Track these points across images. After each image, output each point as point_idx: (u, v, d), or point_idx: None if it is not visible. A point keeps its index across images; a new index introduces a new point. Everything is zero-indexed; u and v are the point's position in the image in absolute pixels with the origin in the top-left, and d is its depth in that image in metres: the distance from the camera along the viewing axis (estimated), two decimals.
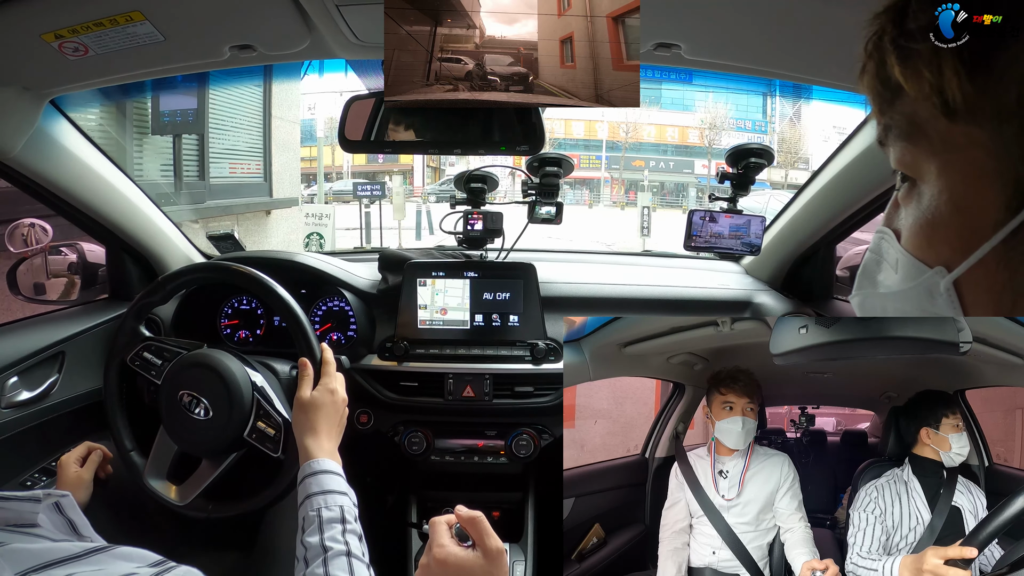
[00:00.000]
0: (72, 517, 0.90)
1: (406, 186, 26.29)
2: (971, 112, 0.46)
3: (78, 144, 1.51)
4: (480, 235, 1.85)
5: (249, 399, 1.30)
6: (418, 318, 1.77)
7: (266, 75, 8.52)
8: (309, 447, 1.16)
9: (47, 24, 1.08)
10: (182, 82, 6.84)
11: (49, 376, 1.56)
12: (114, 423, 1.38)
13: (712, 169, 27.35)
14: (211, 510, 1.32)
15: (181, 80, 6.52)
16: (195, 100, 7.17)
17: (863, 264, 0.61)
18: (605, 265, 2.15)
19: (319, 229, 7.71)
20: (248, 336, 1.86)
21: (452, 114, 1.13)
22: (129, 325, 1.39)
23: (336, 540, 1.00)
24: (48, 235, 1.71)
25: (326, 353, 1.30)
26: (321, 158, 18.14)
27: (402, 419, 1.77)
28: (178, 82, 6.82)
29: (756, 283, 2.01)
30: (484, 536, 0.90)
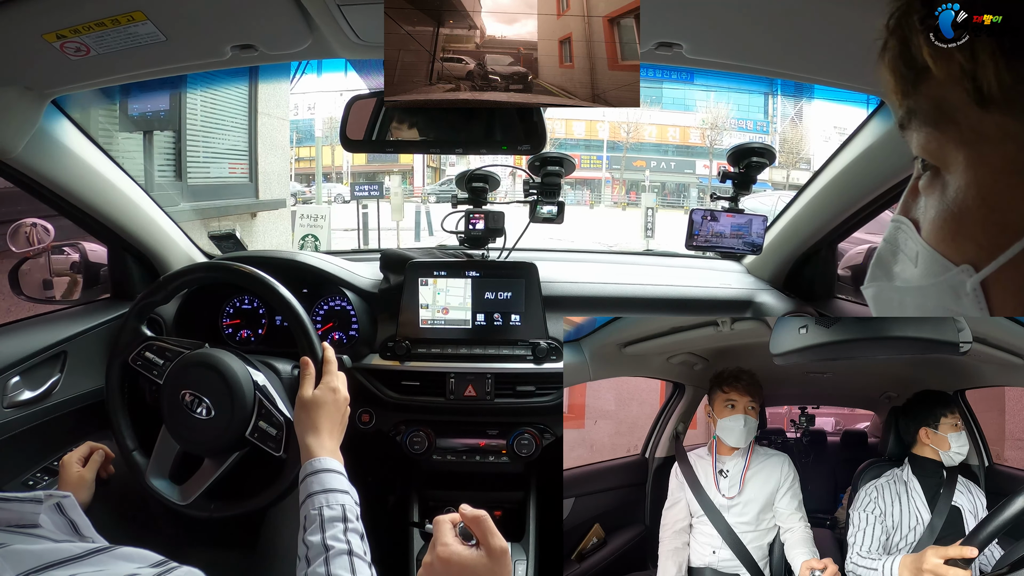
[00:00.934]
0: (73, 517, 0.90)
1: (405, 186, 26.23)
2: (1008, 102, 0.43)
3: (80, 144, 1.52)
4: (482, 234, 1.85)
5: (251, 398, 1.30)
6: (420, 317, 1.77)
7: (252, 71, 7.81)
8: (311, 446, 1.16)
9: (49, 24, 1.08)
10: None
11: (51, 376, 1.57)
12: (116, 423, 1.38)
13: (714, 169, 27.21)
14: (213, 509, 1.32)
15: None
16: (167, 96, 6.72)
17: (877, 254, 0.57)
18: (607, 264, 2.15)
19: (314, 231, 7.50)
20: (250, 336, 1.86)
21: (454, 113, 1.13)
22: (131, 325, 1.39)
23: (338, 539, 1.00)
24: (50, 235, 1.71)
25: (328, 352, 1.30)
26: (320, 158, 18.06)
27: (404, 418, 1.77)
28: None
29: (758, 282, 2.01)
30: (488, 535, 0.90)
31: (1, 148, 1.34)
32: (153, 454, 1.37)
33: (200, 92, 7.24)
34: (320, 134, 21.77)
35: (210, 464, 1.34)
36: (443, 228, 1.90)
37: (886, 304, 0.57)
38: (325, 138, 21.45)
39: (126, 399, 1.40)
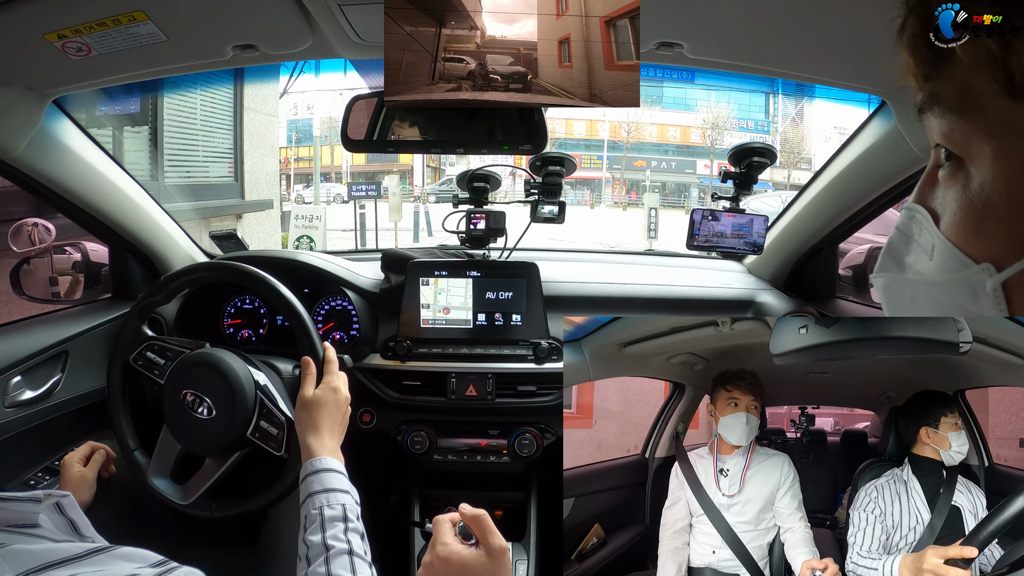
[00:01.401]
0: (73, 517, 0.90)
1: (405, 186, 25.98)
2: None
3: (81, 144, 1.52)
4: (483, 234, 1.85)
5: (252, 398, 1.30)
6: (421, 317, 1.77)
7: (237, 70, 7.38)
8: (311, 445, 1.16)
9: (50, 24, 1.08)
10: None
11: (52, 375, 1.57)
12: (117, 423, 1.38)
13: (714, 169, 27.10)
14: (215, 509, 1.32)
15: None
16: (139, 92, 6.03)
17: (889, 242, 0.55)
18: (608, 264, 2.15)
19: (309, 232, 7.33)
20: (251, 335, 1.86)
21: (455, 113, 1.14)
22: (132, 325, 1.39)
23: (338, 538, 1.00)
24: (51, 234, 1.71)
25: (329, 352, 1.30)
26: (318, 158, 18.00)
27: (405, 418, 1.77)
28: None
29: (759, 282, 2.01)
30: (488, 534, 0.90)
31: (2, 148, 1.35)
32: (154, 454, 1.37)
33: (182, 87, 6.87)
34: (318, 133, 21.71)
35: (211, 464, 1.34)
36: (444, 228, 1.90)
37: (896, 297, 0.55)
38: (324, 138, 21.35)
39: (127, 399, 1.40)
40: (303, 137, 25.98)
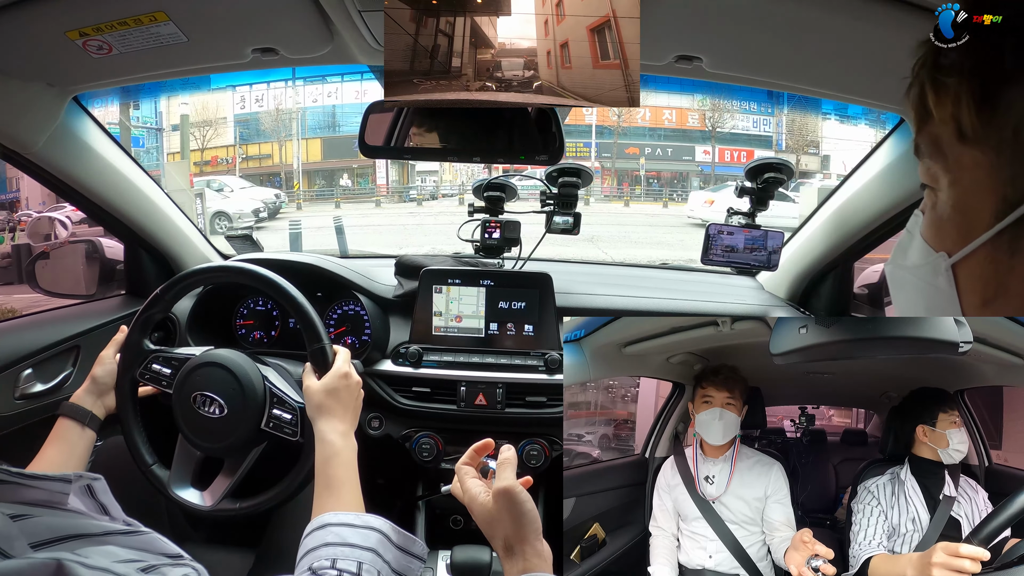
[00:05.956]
0: (104, 501, 0.90)
1: (365, 184, 24.88)
2: (977, 139, 0.55)
3: (100, 141, 1.53)
4: (497, 244, 1.85)
5: (261, 389, 1.30)
6: (433, 324, 1.76)
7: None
8: (323, 430, 1.15)
9: (72, 22, 1.09)
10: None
11: (63, 370, 1.58)
12: (132, 440, 1.36)
13: (715, 155, 25.80)
14: (239, 508, 1.32)
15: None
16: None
17: (899, 240, 0.71)
18: (622, 277, 2.14)
19: None
20: (263, 337, 1.86)
21: (473, 122, 1.14)
22: (134, 340, 1.38)
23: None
24: (67, 230, 1.72)
25: (338, 348, 1.29)
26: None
27: (413, 425, 1.76)
28: None
29: (773, 298, 2.00)
30: (497, 477, 0.96)
31: (22, 143, 1.36)
32: (173, 464, 1.36)
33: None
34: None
35: (231, 464, 1.33)
36: (459, 237, 1.90)
37: (898, 282, 0.71)
38: (272, 133, 20.75)
39: (139, 415, 1.39)
40: (252, 134, 25.14)
